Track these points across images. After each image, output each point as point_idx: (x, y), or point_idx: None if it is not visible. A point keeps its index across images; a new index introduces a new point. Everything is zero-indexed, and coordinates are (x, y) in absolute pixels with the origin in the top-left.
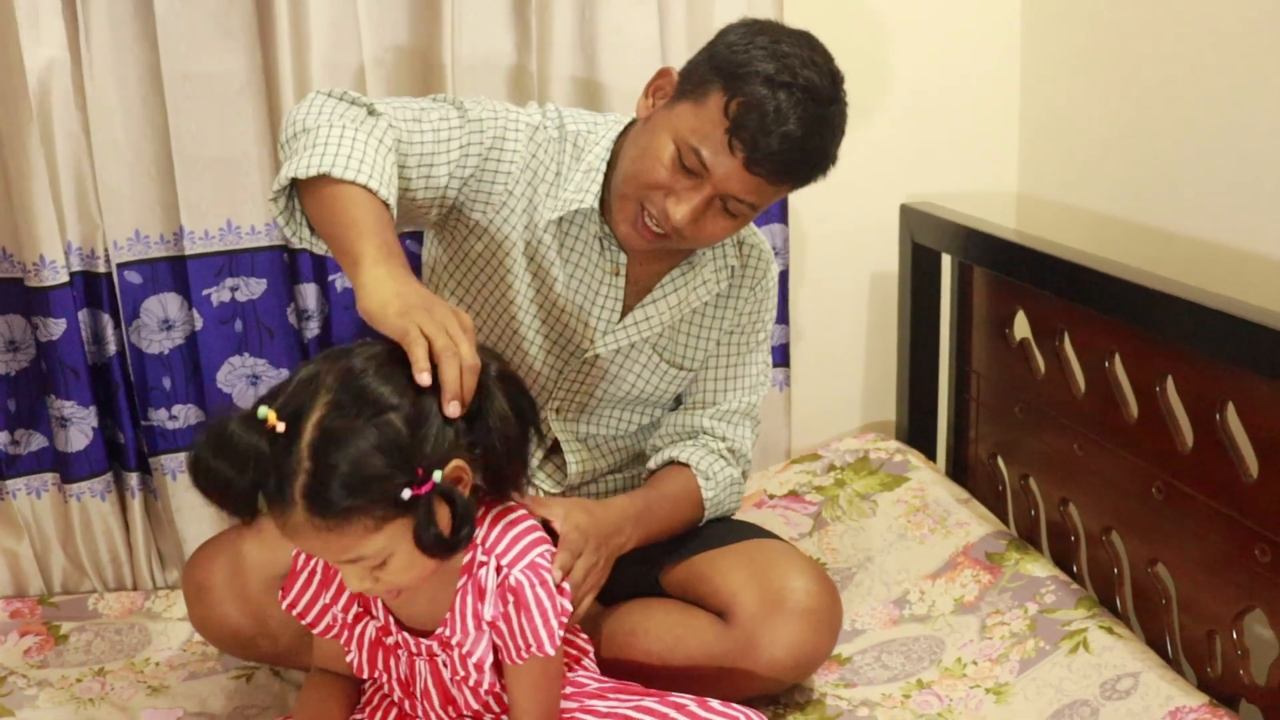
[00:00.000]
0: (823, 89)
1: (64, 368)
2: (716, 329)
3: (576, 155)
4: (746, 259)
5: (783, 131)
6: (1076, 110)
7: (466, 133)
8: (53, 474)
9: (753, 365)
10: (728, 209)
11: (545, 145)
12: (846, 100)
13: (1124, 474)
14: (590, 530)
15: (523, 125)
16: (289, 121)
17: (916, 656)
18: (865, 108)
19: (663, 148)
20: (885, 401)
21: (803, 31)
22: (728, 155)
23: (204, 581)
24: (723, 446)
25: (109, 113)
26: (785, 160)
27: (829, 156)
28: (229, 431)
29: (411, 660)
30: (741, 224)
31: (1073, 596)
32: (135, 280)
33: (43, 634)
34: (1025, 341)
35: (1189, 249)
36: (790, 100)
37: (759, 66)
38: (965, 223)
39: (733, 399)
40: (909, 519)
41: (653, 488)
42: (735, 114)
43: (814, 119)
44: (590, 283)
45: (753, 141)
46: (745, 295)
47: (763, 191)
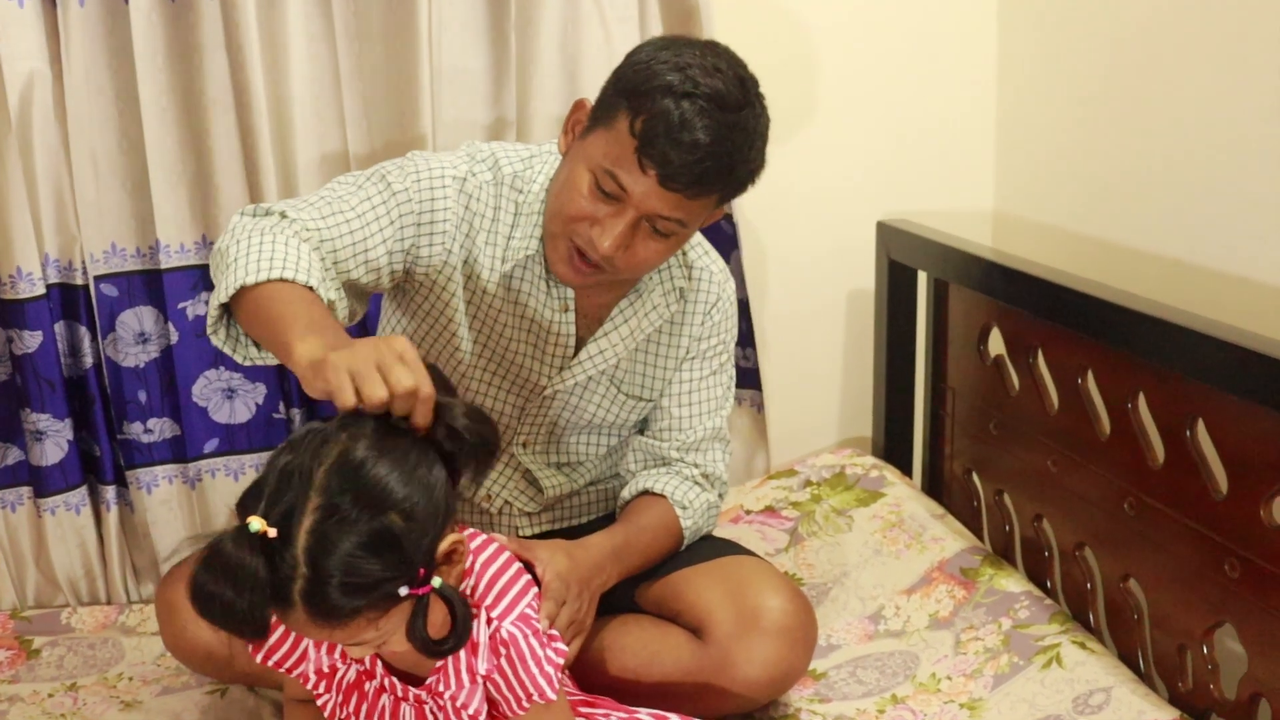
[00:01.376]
0: (729, 95)
1: (40, 380)
2: (672, 356)
3: (514, 197)
4: (697, 281)
5: (691, 141)
6: (1052, 129)
7: (394, 206)
8: (27, 488)
9: (715, 388)
10: (657, 230)
11: (478, 194)
12: (762, 104)
13: (1096, 490)
14: (572, 576)
15: (449, 180)
16: (213, 254)
17: (891, 672)
18: (842, 125)
19: (580, 178)
20: (862, 417)
21: (709, 41)
22: (641, 174)
23: (176, 601)
24: (696, 473)
25: (86, 126)
26: (699, 171)
27: (748, 161)
28: (225, 553)
29: (396, 704)
30: (676, 244)
31: (1046, 612)
32: (111, 293)
33: (14, 649)
34: (1000, 358)
35: (1162, 267)
36: (695, 109)
37: (661, 80)
38: (941, 240)
39: (698, 425)
40: (885, 534)
41: (630, 521)
42: (641, 131)
43: (723, 125)
44: (541, 323)
45: (663, 156)
46: (698, 319)
47: (686, 206)
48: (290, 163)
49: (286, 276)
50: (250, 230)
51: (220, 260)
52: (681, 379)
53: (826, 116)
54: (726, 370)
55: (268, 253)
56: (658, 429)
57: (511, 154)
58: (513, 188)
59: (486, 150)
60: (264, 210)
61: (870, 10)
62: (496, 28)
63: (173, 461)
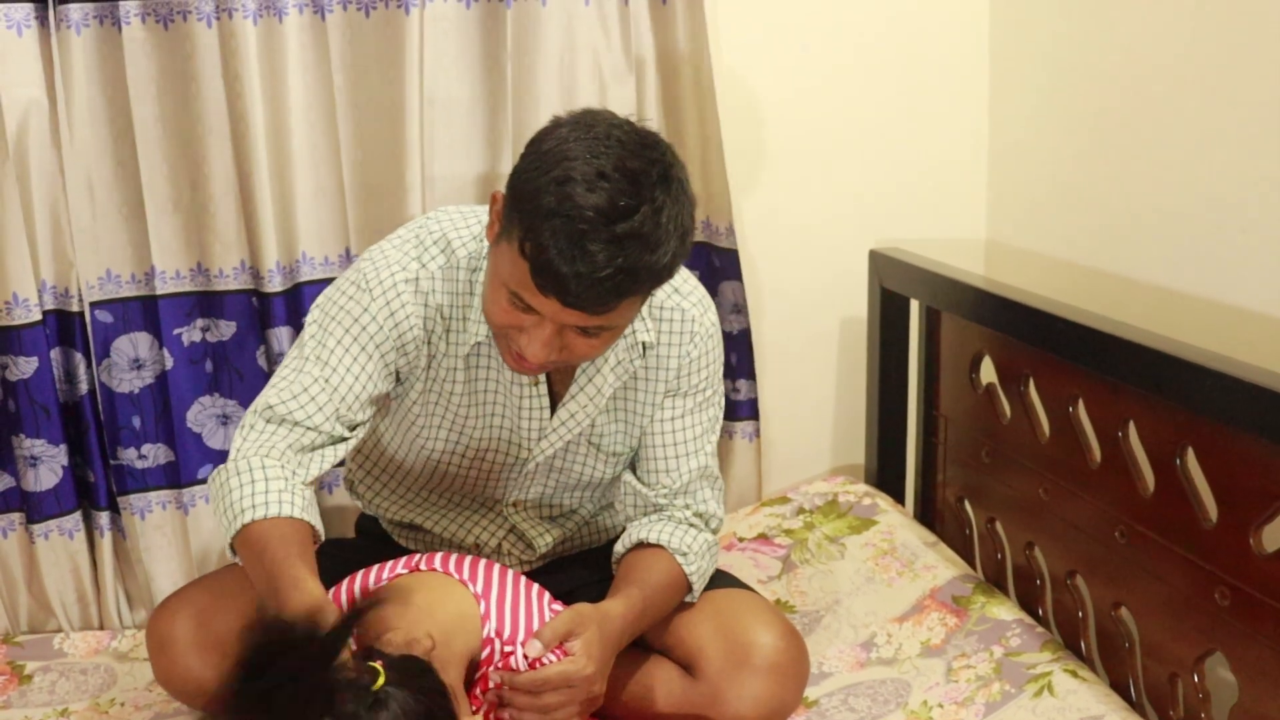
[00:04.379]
0: (617, 203)
1: (35, 406)
2: (648, 404)
3: (469, 278)
4: (667, 322)
5: (585, 267)
6: (1044, 158)
7: (367, 341)
8: (19, 513)
9: (697, 425)
10: (586, 331)
11: (432, 288)
12: (667, 188)
13: (1088, 518)
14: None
15: (403, 286)
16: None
17: (883, 699)
18: (835, 153)
19: (497, 291)
20: (854, 445)
21: (602, 129)
22: (543, 298)
23: (167, 635)
24: (689, 514)
25: (82, 153)
26: (600, 291)
27: (656, 259)
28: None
29: None
30: (614, 335)
31: (1038, 640)
32: (107, 319)
33: (6, 674)
34: (992, 386)
35: (1153, 296)
36: (578, 234)
37: (545, 200)
38: (933, 269)
39: (683, 467)
40: (877, 562)
41: (641, 582)
42: (531, 257)
43: (615, 240)
44: (511, 400)
45: (558, 285)
46: (673, 361)
47: (604, 315)
48: (288, 193)
49: (271, 514)
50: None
51: (214, 497)
52: (662, 416)
53: (820, 145)
54: (711, 405)
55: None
56: (644, 472)
57: (463, 229)
58: (467, 269)
59: (437, 230)
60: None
61: (864, 40)
62: (491, 56)
63: (166, 487)
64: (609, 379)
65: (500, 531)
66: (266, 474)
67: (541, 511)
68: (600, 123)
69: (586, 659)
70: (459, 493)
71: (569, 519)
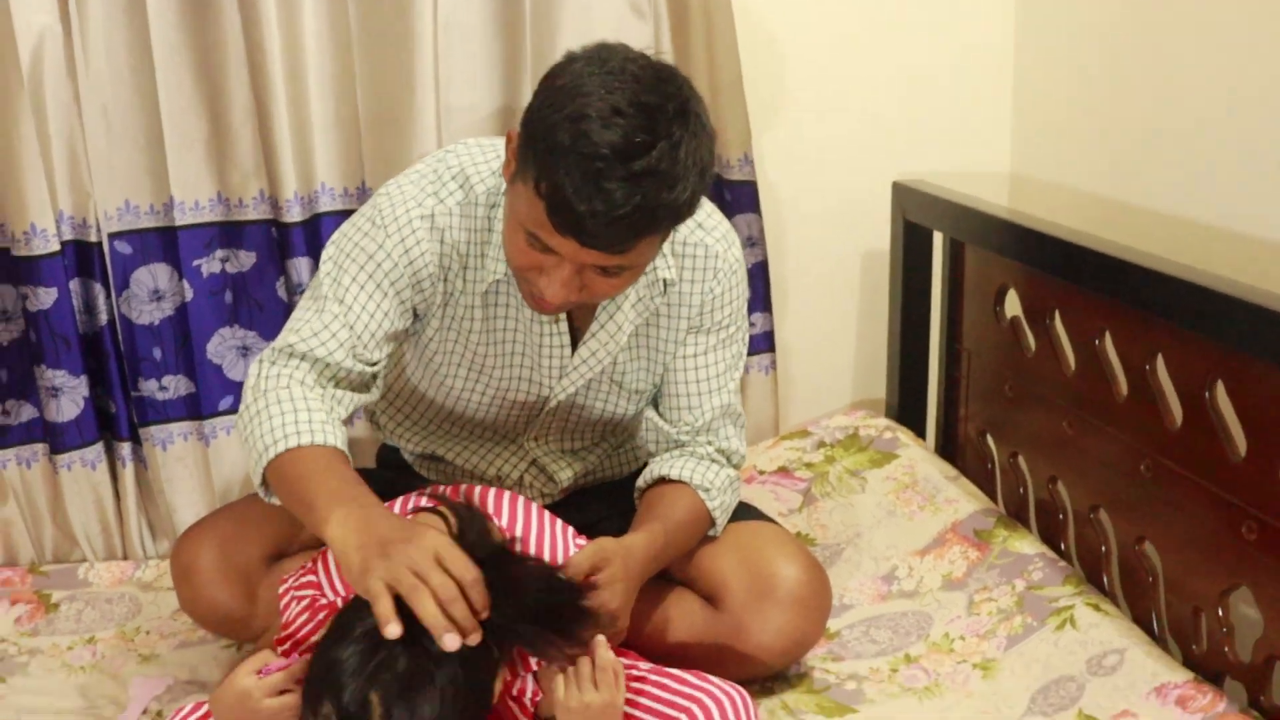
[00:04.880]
0: (632, 140)
1: (55, 337)
2: (670, 340)
3: (487, 214)
4: (690, 258)
5: (601, 206)
6: (1070, 89)
7: (382, 278)
8: (42, 444)
9: (720, 362)
10: (605, 271)
11: (449, 224)
12: (684, 124)
13: (1113, 452)
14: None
15: (418, 223)
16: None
17: (904, 631)
18: (858, 84)
19: (515, 232)
20: (875, 379)
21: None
22: (560, 238)
23: (191, 564)
24: (711, 449)
25: (99, 82)
26: (618, 230)
27: (675, 197)
28: None
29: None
30: (635, 275)
31: (1060, 574)
32: (125, 250)
33: (33, 603)
34: (1016, 320)
35: (1181, 229)
36: (595, 171)
37: (559, 138)
38: (958, 200)
39: (705, 405)
40: (898, 496)
41: (664, 517)
42: (547, 197)
43: (635, 177)
44: (531, 338)
45: (576, 224)
46: (695, 297)
47: (623, 255)
48: (306, 123)
49: (303, 443)
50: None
51: (246, 426)
52: (685, 353)
53: (842, 76)
54: (735, 342)
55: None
56: (666, 408)
57: (482, 164)
58: (485, 205)
59: (455, 165)
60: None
61: None
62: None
63: (187, 419)
64: (629, 316)
65: (522, 464)
66: (309, 404)
67: (563, 445)
68: (615, 57)
69: (611, 593)
70: (481, 426)
71: (590, 453)
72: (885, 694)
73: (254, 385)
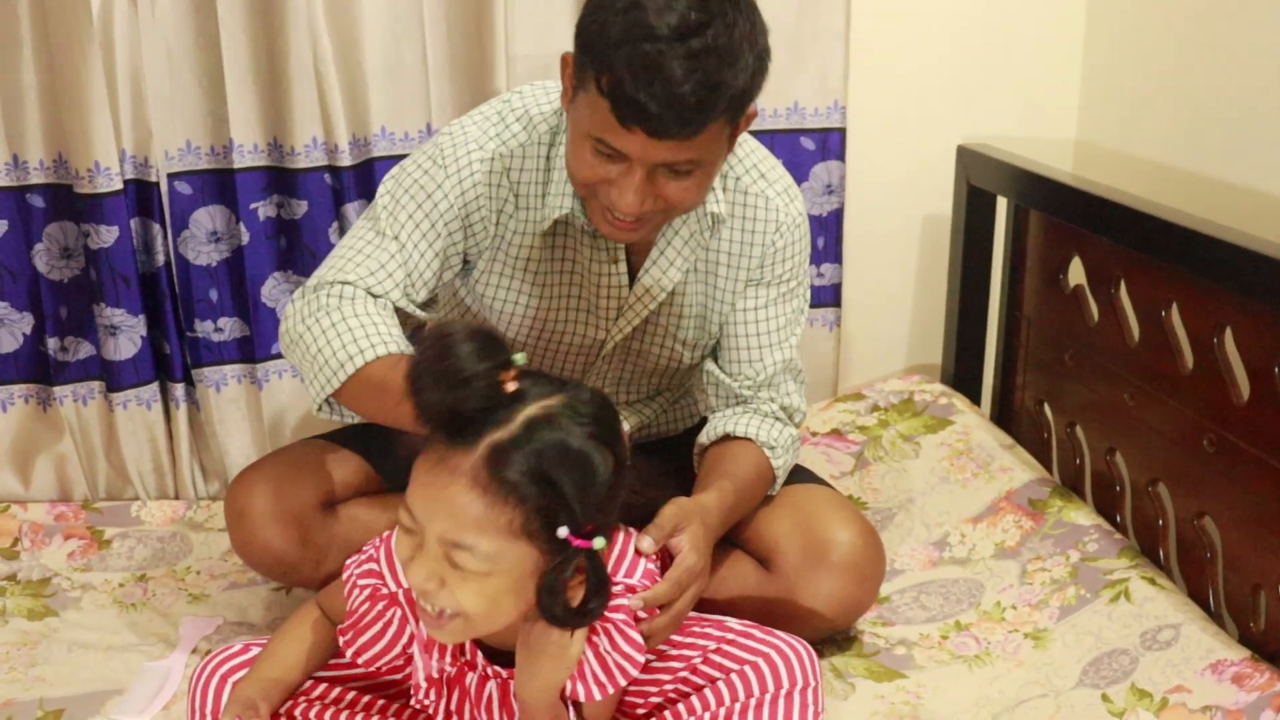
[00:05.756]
0: (687, 20)
1: (115, 275)
2: (728, 290)
3: (550, 154)
4: (750, 208)
5: (663, 89)
6: (1141, 54)
7: (437, 218)
8: (99, 382)
9: (781, 316)
10: (676, 171)
11: (512, 164)
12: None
13: (1175, 425)
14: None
15: (477, 165)
16: (285, 338)
17: (955, 599)
18: (924, 46)
19: (580, 146)
20: (931, 344)
21: None
22: (628, 134)
23: (245, 507)
24: (774, 407)
25: (163, 22)
26: (683, 112)
27: (736, 76)
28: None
29: (482, 680)
30: (707, 174)
31: (1115, 546)
32: (185, 191)
33: (86, 538)
34: (1079, 288)
35: (1254, 202)
36: (655, 52)
37: (614, 32)
38: (1023, 165)
39: (768, 359)
40: (952, 462)
41: (732, 476)
42: (610, 91)
43: (691, 56)
44: (590, 276)
45: (640, 113)
46: (755, 247)
47: (691, 146)
48: (361, 68)
49: (369, 358)
50: (318, 313)
51: (297, 350)
52: (745, 305)
53: (908, 37)
54: (796, 296)
55: (343, 339)
56: (727, 362)
57: (545, 105)
58: (548, 144)
59: (520, 106)
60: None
61: None
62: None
63: (240, 361)
64: (683, 253)
65: None
66: (383, 317)
67: (619, 396)
68: None
69: (695, 554)
70: None
71: (647, 405)
72: (935, 660)
73: (307, 310)
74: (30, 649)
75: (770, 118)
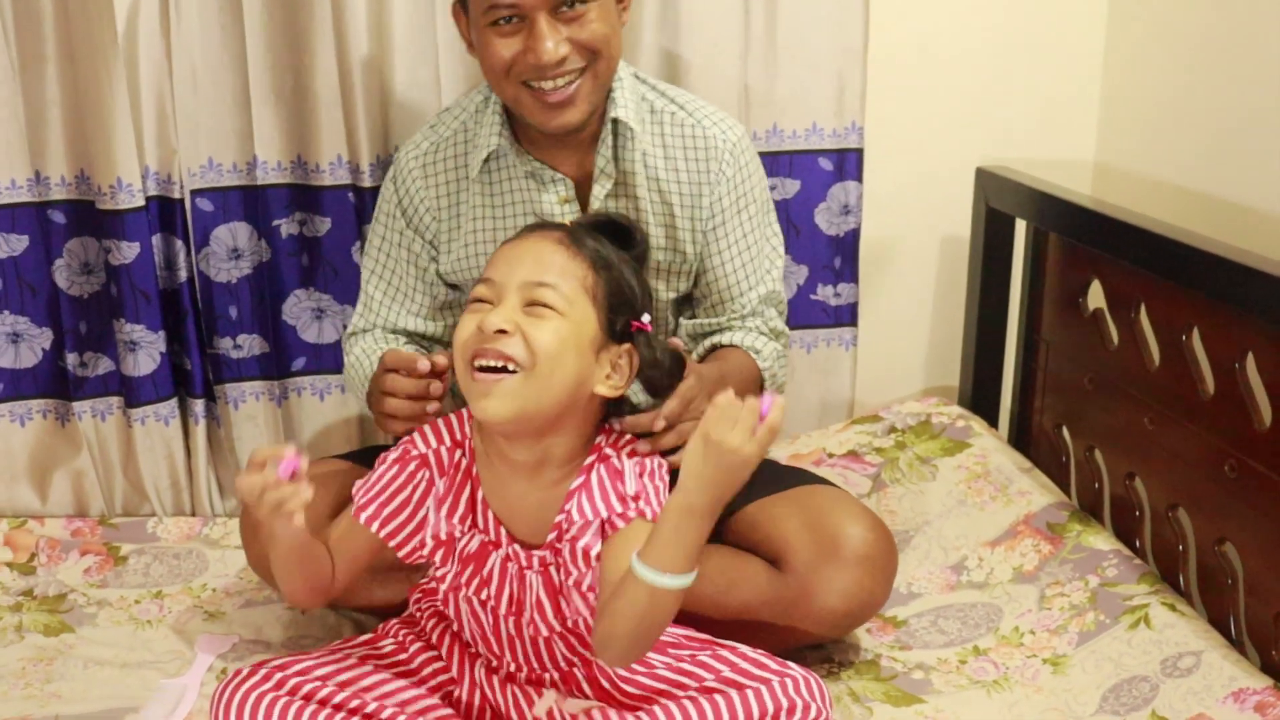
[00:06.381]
0: None
1: (136, 291)
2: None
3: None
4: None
5: None
6: (1160, 77)
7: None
8: (117, 397)
9: (763, 245)
10: (571, 6)
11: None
12: None
13: (1196, 450)
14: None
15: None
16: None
17: (974, 623)
18: (942, 67)
19: (488, 43)
20: (949, 366)
21: None
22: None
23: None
24: (759, 323)
25: (189, 40)
26: None
27: None
28: None
29: (522, 573)
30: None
31: (1135, 571)
32: (207, 208)
33: (102, 554)
34: (1099, 312)
35: (1275, 226)
36: None
37: None
38: (1042, 188)
39: (750, 294)
40: (969, 485)
41: (718, 362)
42: None
43: None
44: (535, 201)
45: None
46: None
47: None
48: (388, 86)
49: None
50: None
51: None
52: (721, 243)
53: (926, 58)
54: (771, 227)
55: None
56: (709, 305)
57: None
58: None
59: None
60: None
61: None
62: None
63: (261, 378)
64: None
65: None
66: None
67: None
68: None
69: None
70: None
71: None
72: (953, 685)
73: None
74: (46, 665)
75: (788, 138)
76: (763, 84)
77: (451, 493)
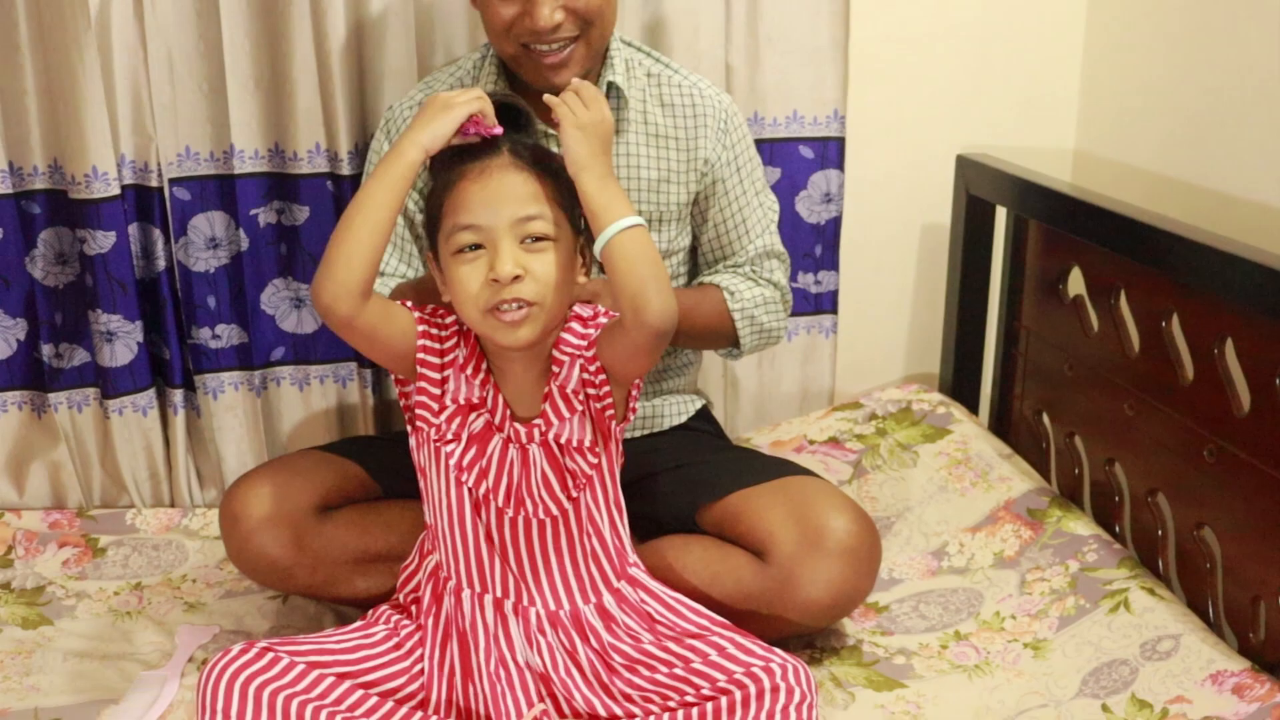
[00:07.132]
0: None
1: (112, 281)
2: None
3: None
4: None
5: None
6: (1140, 65)
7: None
8: (94, 388)
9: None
10: None
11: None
12: None
13: (1175, 436)
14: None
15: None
16: None
17: (955, 608)
18: (923, 55)
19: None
20: (929, 354)
21: None
22: None
23: (240, 513)
24: (751, 271)
25: (164, 26)
26: None
27: None
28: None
29: (525, 456)
30: None
31: (1115, 556)
32: (184, 197)
33: (81, 546)
34: (1079, 298)
35: (1253, 212)
36: None
37: None
38: (1022, 175)
39: (748, 245)
40: (950, 471)
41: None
42: None
43: None
44: None
45: None
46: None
47: None
48: (366, 73)
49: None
50: None
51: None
52: (721, 200)
53: (907, 47)
54: (765, 189)
55: None
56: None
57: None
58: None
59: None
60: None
61: None
62: None
63: (239, 368)
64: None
65: None
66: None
67: None
68: None
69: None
70: None
71: None
72: (935, 670)
73: None
74: (25, 658)
75: (769, 126)
76: (745, 72)
77: (471, 362)
